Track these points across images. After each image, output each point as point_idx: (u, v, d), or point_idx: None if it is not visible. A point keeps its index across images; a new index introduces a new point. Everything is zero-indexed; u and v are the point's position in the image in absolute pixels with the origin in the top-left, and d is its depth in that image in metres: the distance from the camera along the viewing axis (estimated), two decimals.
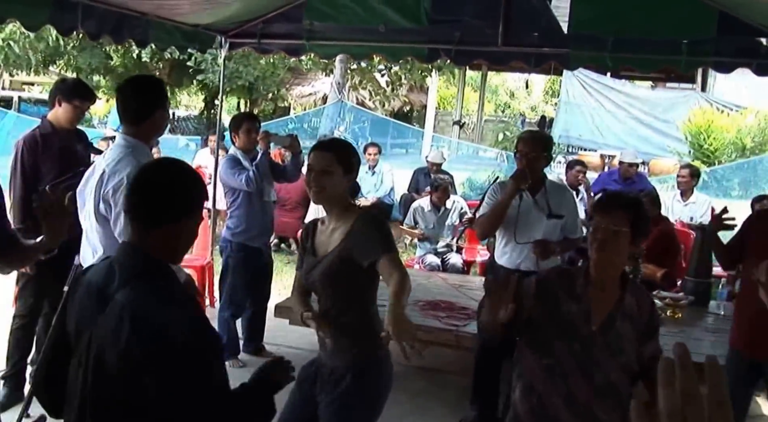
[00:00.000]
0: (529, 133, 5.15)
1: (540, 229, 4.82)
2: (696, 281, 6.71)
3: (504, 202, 4.74)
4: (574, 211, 5.07)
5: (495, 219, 4.83)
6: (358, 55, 9.13)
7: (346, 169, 3.23)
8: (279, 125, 20.98)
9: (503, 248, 4.98)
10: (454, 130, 24.96)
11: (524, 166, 4.73)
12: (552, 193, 4.87)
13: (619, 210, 2.98)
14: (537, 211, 4.80)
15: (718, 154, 17.61)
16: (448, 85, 31.41)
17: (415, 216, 8.11)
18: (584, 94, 21.34)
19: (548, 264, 4.84)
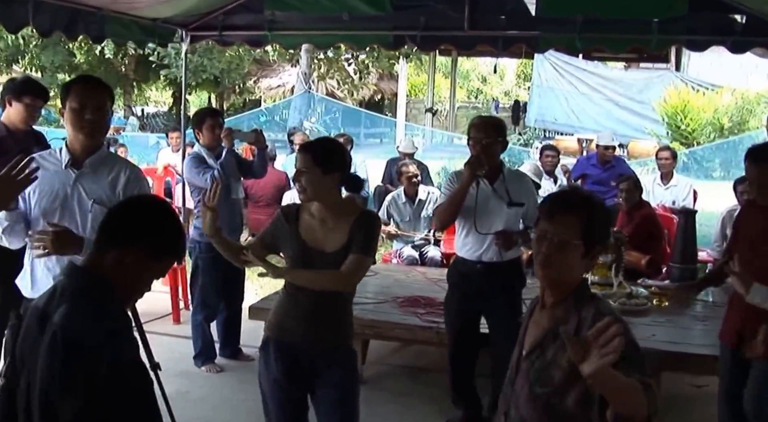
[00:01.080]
0: (480, 118, 4.92)
1: (501, 219, 4.70)
2: (682, 267, 6.68)
3: (460, 191, 4.61)
4: (534, 199, 4.94)
5: (452, 208, 4.71)
6: (322, 45, 9.00)
7: (326, 169, 3.35)
8: (250, 118, 20.89)
9: (464, 239, 4.85)
10: (427, 118, 25.00)
11: (478, 152, 4.60)
12: (510, 180, 4.75)
13: (567, 214, 2.43)
14: (496, 200, 4.68)
15: (696, 135, 17.66)
16: (419, 72, 31.36)
17: (389, 209, 8.01)
18: (557, 77, 21.32)
19: (511, 255, 4.79)
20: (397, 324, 5.49)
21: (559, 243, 2.39)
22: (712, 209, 9.43)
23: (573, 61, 21.24)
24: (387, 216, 8.01)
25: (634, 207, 7.37)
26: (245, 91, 24.36)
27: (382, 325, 5.48)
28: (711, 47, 6.76)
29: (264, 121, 21.06)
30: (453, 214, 4.76)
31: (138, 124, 25.01)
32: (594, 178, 9.40)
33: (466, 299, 4.90)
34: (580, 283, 2.49)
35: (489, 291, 4.78)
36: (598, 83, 21.14)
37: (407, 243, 7.91)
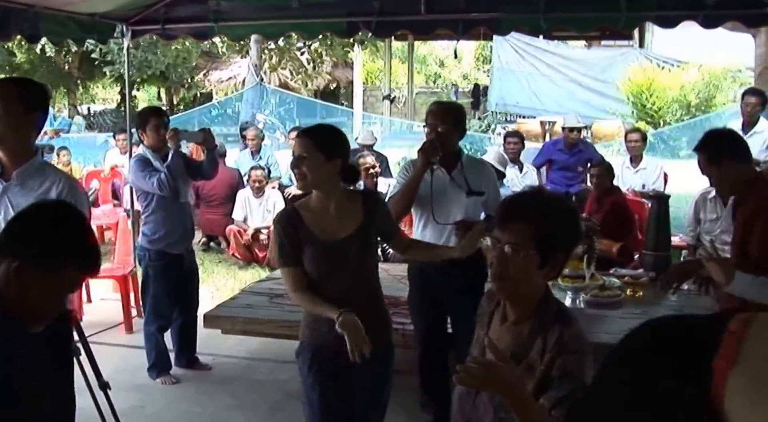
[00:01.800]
0: (437, 104, 4.82)
1: (460, 208, 4.64)
2: (655, 255, 6.63)
3: (414, 178, 4.54)
4: (495, 187, 4.90)
5: (406, 197, 4.62)
6: (271, 35, 8.87)
7: (328, 155, 3.33)
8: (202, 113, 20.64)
9: (422, 230, 4.77)
10: (385, 106, 24.84)
11: (433, 139, 4.52)
12: (470, 169, 4.68)
13: (518, 222, 2.28)
14: (455, 189, 4.62)
15: (662, 113, 17.71)
16: (374, 58, 31.11)
17: None
18: (517, 58, 21.23)
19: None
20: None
21: (511, 253, 2.25)
22: (681, 191, 9.44)
23: (533, 41, 21.07)
24: None
25: (604, 193, 7.33)
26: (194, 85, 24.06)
27: None
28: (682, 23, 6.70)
29: (216, 115, 20.81)
30: (407, 204, 4.67)
31: (84, 123, 24.62)
32: (560, 164, 9.37)
33: (429, 298, 4.83)
34: (542, 297, 2.36)
35: (452, 287, 4.71)
36: (559, 63, 21.07)
37: None
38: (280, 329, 5.40)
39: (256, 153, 10.65)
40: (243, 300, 5.78)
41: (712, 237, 7.48)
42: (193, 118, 19.61)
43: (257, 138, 10.71)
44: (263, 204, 9.22)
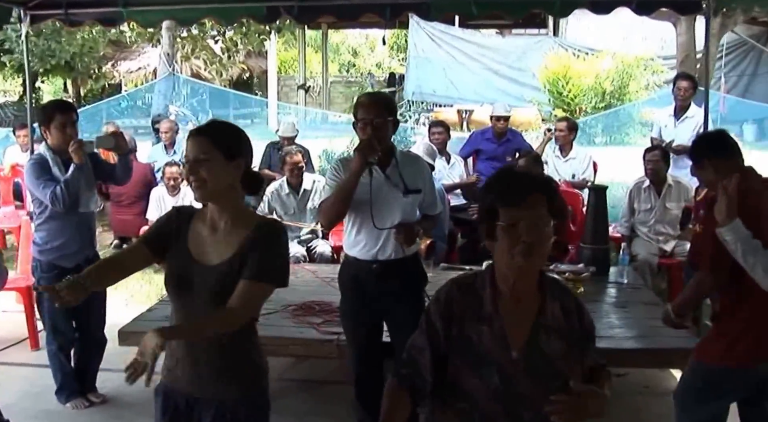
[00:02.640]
0: (368, 96, 4.37)
1: (398, 210, 4.19)
2: (593, 248, 6.34)
3: (350, 182, 4.07)
4: (431, 183, 4.50)
5: (341, 203, 4.15)
6: (185, 21, 8.15)
7: (228, 154, 2.78)
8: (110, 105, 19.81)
9: (355, 237, 4.30)
10: (300, 95, 24.55)
11: (369, 135, 4.07)
12: (404, 164, 4.25)
13: (536, 193, 2.33)
14: (391, 188, 4.18)
15: (578, 101, 17.63)
16: (288, 47, 30.72)
17: (270, 202, 7.37)
18: (434, 46, 20.88)
19: (412, 250, 4.31)
20: (292, 339, 4.90)
21: (542, 227, 2.30)
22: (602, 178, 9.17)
23: (449, 29, 20.86)
24: (269, 209, 7.39)
25: None
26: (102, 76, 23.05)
27: (275, 342, 4.86)
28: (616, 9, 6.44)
29: (126, 106, 20.06)
30: (343, 210, 4.20)
31: None
32: (488, 154, 9.00)
33: (364, 305, 4.36)
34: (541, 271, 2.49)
35: (389, 293, 4.27)
36: (476, 52, 20.79)
37: (293, 239, 7.31)
38: None
39: (170, 147, 10.00)
40: (161, 311, 5.23)
41: (647, 227, 7.26)
42: (101, 110, 18.80)
43: (171, 131, 10.02)
44: (179, 202, 8.56)
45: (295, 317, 5.18)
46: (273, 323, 5.07)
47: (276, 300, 5.56)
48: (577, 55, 18.55)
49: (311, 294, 5.66)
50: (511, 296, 2.41)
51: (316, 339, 4.84)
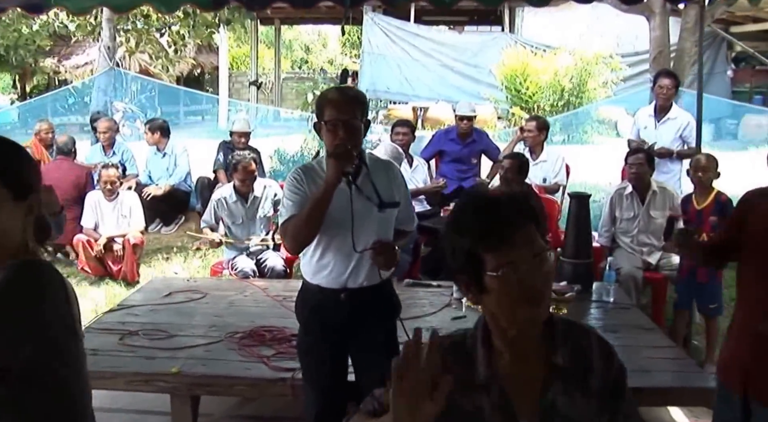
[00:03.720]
0: (339, 92, 3.45)
1: (373, 228, 3.41)
2: (575, 263, 5.61)
3: (324, 197, 3.26)
4: (407, 193, 3.70)
5: (314, 223, 3.33)
6: (121, 8, 7.12)
7: (19, 191, 1.88)
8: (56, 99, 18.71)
9: (319, 261, 3.48)
10: (252, 92, 23.83)
11: (344, 140, 3.28)
12: (376, 172, 3.46)
13: (527, 224, 1.76)
14: (364, 202, 3.37)
15: (536, 99, 16.99)
16: (240, 43, 29.95)
17: (216, 211, 6.51)
18: (388, 42, 20.17)
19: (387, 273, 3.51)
20: (238, 378, 4.07)
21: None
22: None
23: (404, 25, 20.24)
24: (215, 218, 6.54)
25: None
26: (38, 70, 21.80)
27: (219, 382, 4.06)
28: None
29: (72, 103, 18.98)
30: (315, 231, 3.37)
31: None
32: (452, 155, 8.25)
33: (327, 340, 3.54)
34: None
35: (358, 325, 3.49)
36: (431, 48, 20.07)
37: (241, 252, 6.47)
38: (132, 384, 4.11)
39: (108, 148, 9.08)
40: (87, 341, 4.33)
41: (629, 237, 6.55)
42: (45, 105, 17.74)
43: (110, 130, 9.07)
44: (117, 208, 7.65)
45: (242, 348, 4.38)
46: (216, 356, 4.30)
47: (220, 325, 4.78)
48: (534, 52, 17.88)
49: (261, 317, 4.90)
50: (512, 355, 1.84)
51: (267, 379, 4.02)
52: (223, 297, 5.43)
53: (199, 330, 4.68)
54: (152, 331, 4.63)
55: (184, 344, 4.44)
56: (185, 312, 5.10)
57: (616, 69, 17.44)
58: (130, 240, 7.48)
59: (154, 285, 5.81)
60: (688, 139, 7.36)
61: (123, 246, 7.49)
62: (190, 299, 5.34)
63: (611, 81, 17.43)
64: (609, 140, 16.57)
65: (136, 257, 7.57)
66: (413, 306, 5.06)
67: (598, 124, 17.10)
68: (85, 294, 7.26)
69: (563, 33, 18.43)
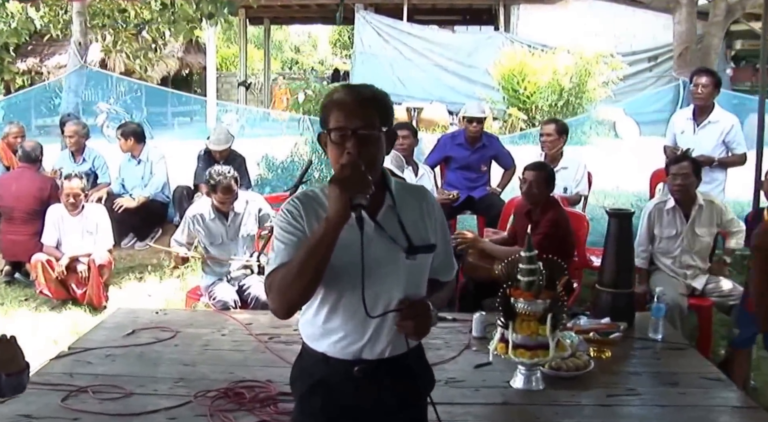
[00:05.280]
0: (347, 91, 2.38)
1: (397, 279, 2.35)
2: (615, 293, 4.56)
3: (325, 240, 2.19)
4: (444, 231, 2.57)
5: (310, 275, 2.25)
6: None
7: None
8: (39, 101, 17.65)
9: (325, 322, 2.40)
10: (240, 93, 22.96)
11: (355, 157, 2.23)
12: (404, 203, 2.40)
13: None
14: (385, 245, 2.32)
15: (534, 99, 15.97)
16: (229, 43, 29.07)
17: (191, 229, 5.43)
18: (381, 42, 19.28)
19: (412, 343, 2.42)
20: None
21: None
22: None
23: (397, 24, 19.28)
24: (189, 237, 5.46)
25: (537, 206, 5.24)
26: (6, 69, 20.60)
27: None
28: None
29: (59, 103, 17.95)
30: (312, 286, 2.29)
31: None
32: (460, 162, 7.22)
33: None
34: None
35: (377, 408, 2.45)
36: (424, 48, 19.10)
37: (220, 277, 5.39)
38: None
39: (78, 154, 7.96)
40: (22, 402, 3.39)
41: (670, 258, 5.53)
42: (28, 107, 16.83)
43: (76, 135, 7.89)
44: (82, 223, 6.53)
45: (214, 413, 3.32)
46: None
47: (190, 378, 3.70)
48: (532, 52, 16.89)
49: (241, 366, 3.86)
50: None
51: None
52: (196, 336, 4.35)
53: (164, 386, 3.62)
54: (105, 388, 3.56)
55: (143, 407, 3.37)
56: (150, 358, 4.01)
57: (616, 68, 16.45)
58: (96, 261, 6.39)
59: (117, 318, 4.71)
60: (731, 145, 6.36)
61: (88, 266, 6.39)
62: (157, 340, 4.26)
63: (612, 81, 16.46)
64: (608, 141, 15.68)
65: (102, 279, 6.46)
66: (425, 350, 4.03)
67: (597, 125, 16.11)
68: (45, 321, 6.18)
69: (559, 32, 17.55)
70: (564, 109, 15.79)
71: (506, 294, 3.62)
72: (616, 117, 16.49)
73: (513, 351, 3.57)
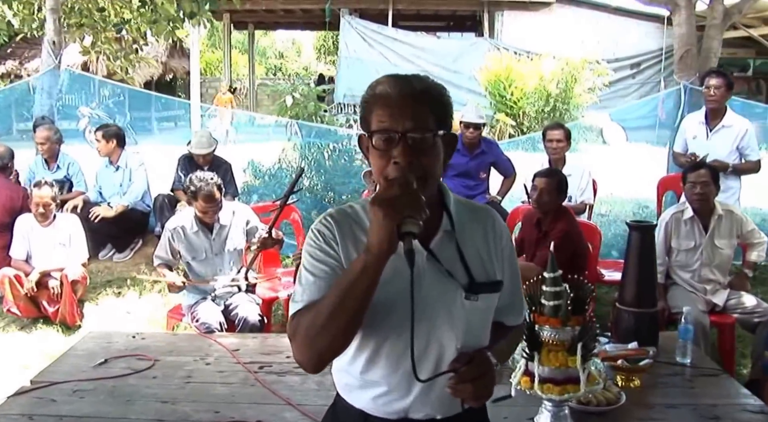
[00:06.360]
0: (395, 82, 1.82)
1: (452, 325, 1.85)
2: (637, 313, 4.04)
3: (363, 275, 1.65)
4: (513, 265, 2.04)
5: (342, 321, 1.71)
6: None
7: None
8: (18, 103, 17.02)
9: (364, 372, 1.89)
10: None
11: (404, 170, 1.70)
12: (466, 229, 1.89)
13: None
14: (440, 281, 1.82)
15: (521, 104, 15.54)
16: (213, 49, 28.57)
17: (173, 243, 4.85)
18: (366, 47, 18.90)
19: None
20: None
21: None
22: None
23: (382, 29, 18.91)
24: (171, 252, 4.89)
25: (548, 216, 4.74)
26: None
27: None
28: None
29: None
30: (347, 333, 1.77)
31: None
32: (458, 169, 6.69)
33: None
34: None
35: None
36: (410, 53, 18.70)
37: (204, 296, 4.83)
38: None
39: (51, 161, 7.34)
40: None
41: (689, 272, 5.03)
42: (9, 102, 16.30)
43: (49, 141, 7.21)
44: (54, 235, 5.94)
45: None
46: None
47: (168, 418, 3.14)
48: (519, 59, 16.48)
49: (227, 402, 3.28)
50: None
51: None
52: (177, 366, 3.77)
53: None
54: None
55: None
56: (123, 394, 3.42)
57: (602, 74, 16.07)
58: (69, 276, 5.77)
59: (87, 344, 4.09)
60: (745, 150, 5.89)
61: (61, 282, 5.77)
62: (133, 370, 3.67)
63: (597, 87, 16.09)
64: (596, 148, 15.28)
65: (76, 296, 5.84)
66: None
67: (586, 131, 15.70)
68: (13, 342, 5.59)
69: (542, 39, 17.33)
70: (551, 115, 15.39)
71: (529, 320, 3.11)
72: (603, 123, 16.15)
73: (539, 385, 3.05)
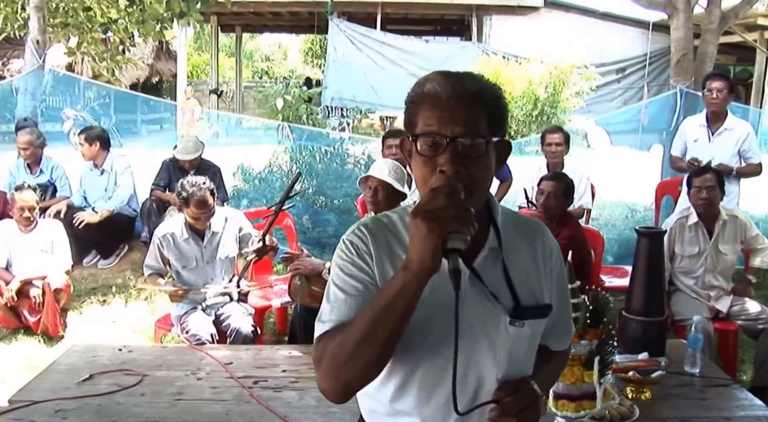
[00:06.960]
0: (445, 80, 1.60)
1: (494, 352, 1.62)
2: (645, 322, 3.85)
3: (402, 295, 1.43)
4: (562, 287, 1.81)
5: (380, 344, 1.49)
6: None
7: None
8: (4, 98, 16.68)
9: (393, 402, 1.67)
10: (212, 100, 22.30)
11: (452, 179, 1.49)
12: (511, 242, 1.67)
13: None
14: (482, 303, 1.60)
15: (510, 108, 15.34)
16: (200, 51, 28.32)
17: (162, 251, 4.61)
18: (354, 50, 18.66)
19: None
20: None
21: None
22: None
23: (371, 32, 18.67)
24: (162, 261, 4.64)
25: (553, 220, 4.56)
26: None
27: None
28: None
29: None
30: (379, 360, 1.54)
31: None
32: None
33: None
34: None
35: None
36: (398, 57, 18.51)
37: (194, 305, 4.59)
38: None
39: (34, 165, 7.05)
40: None
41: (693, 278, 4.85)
42: None
43: (32, 146, 6.88)
44: (35, 241, 5.67)
45: None
46: None
47: None
48: (506, 62, 16.38)
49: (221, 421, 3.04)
50: None
51: None
52: (167, 381, 3.53)
53: None
54: None
55: None
56: (109, 413, 3.16)
57: (590, 79, 16.00)
58: (51, 285, 5.49)
59: (71, 358, 3.82)
60: (747, 154, 5.74)
61: (43, 290, 5.49)
62: (120, 387, 3.41)
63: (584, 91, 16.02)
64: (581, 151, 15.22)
65: (59, 305, 5.56)
66: None
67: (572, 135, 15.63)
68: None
69: (530, 43, 17.16)
70: (539, 119, 15.31)
71: None
72: (588, 127, 16.11)
73: (554, 401, 2.88)
